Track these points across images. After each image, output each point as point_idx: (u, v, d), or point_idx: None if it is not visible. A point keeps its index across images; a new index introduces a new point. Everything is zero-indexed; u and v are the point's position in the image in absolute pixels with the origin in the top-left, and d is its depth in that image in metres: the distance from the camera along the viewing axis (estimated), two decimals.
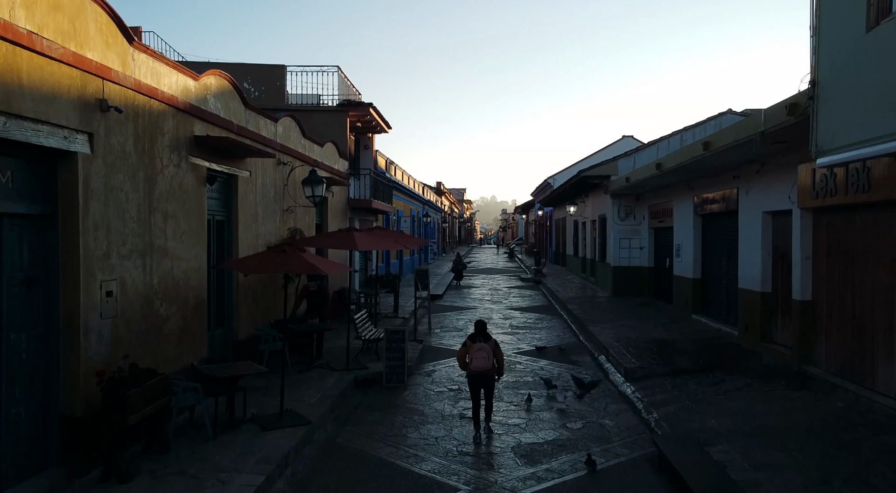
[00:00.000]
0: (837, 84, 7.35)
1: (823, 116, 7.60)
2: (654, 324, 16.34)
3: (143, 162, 7.54)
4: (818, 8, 7.66)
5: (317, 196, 12.90)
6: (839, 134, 7.30)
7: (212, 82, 9.53)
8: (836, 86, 7.39)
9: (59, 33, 6.03)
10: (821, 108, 7.64)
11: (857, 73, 6.91)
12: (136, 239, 7.38)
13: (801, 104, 8.11)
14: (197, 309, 8.98)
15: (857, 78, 6.91)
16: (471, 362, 8.43)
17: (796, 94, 8.28)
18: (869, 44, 6.68)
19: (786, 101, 8.53)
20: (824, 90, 7.61)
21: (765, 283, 12.36)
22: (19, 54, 5.53)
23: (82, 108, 6.37)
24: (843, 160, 7.24)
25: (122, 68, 7.07)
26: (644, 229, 22.74)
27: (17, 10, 5.50)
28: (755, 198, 12.66)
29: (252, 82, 19.16)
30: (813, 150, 7.81)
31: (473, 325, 9.01)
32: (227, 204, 10.48)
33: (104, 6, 6.76)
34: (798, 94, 8.23)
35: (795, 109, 8.22)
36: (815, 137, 7.76)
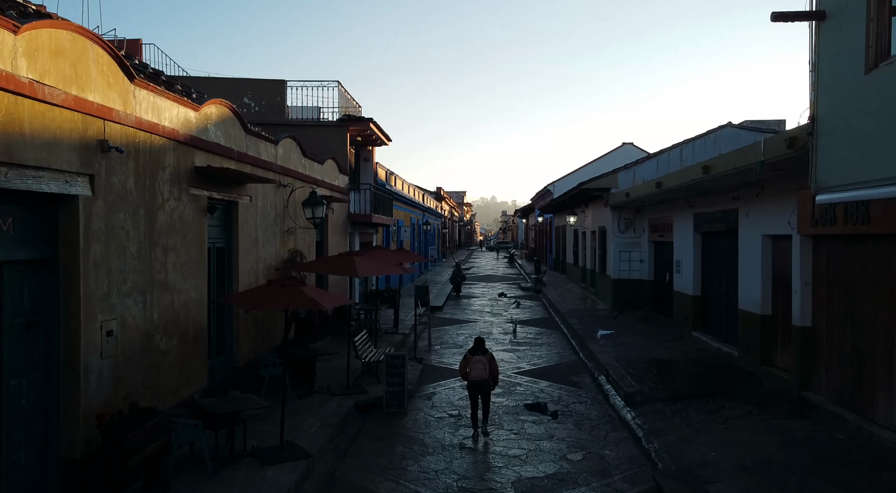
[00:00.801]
0: (837, 122, 7.36)
1: (823, 153, 7.61)
2: (654, 342, 16.35)
3: (143, 198, 7.55)
4: (817, 45, 7.67)
5: (317, 218, 12.91)
6: (839, 172, 7.31)
7: (212, 111, 9.55)
8: (835, 124, 7.40)
9: (60, 79, 6.05)
10: (820, 144, 7.65)
11: (856, 113, 6.92)
12: (136, 276, 7.39)
13: (800, 138, 8.12)
14: (197, 339, 8.99)
15: (856, 118, 6.92)
16: (469, 373, 9.80)
17: (796, 128, 8.30)
18: (868, 85, 6.69)
19: (785, 133, 8.54)
20: (824, 127, 7.62)
21: (765, 306, 12.36)
22: (21, 103, 5.54)
23: (83, 150, 6.38)
24: (842, 200, 7.25)
25: (123, 107, 7.09)
26: (644, 242, 22.75)
27: (20, 60, 5.52)
28: (755, 220, 12.67)
29: (252, 97, 19.17)
30: (813, 185, 7.82)
31: (473, 341, 10.30)
32: (227, 231, 10.49)
33: (106, 47, 6.78)
34: (797, 128, 8.24)
35: (795, 142, 8.24)
36: (814, 172, 7.77)
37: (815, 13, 7.56)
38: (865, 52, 6.70)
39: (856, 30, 6.90)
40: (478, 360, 9.78)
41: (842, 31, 7.20)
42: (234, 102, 18.98)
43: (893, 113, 6.28)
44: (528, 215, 74.96)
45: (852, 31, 6.97)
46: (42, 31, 5.79)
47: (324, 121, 19.42)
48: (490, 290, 33.52)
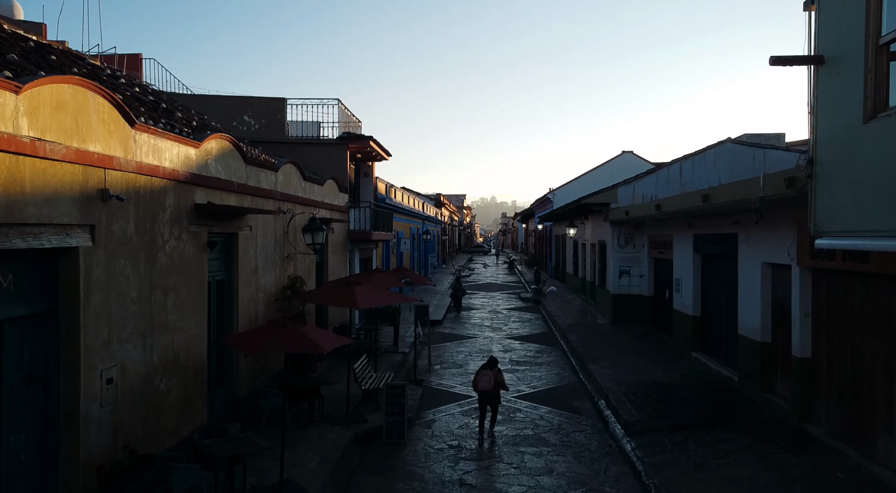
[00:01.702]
0: (836, 168, 7.38)
1: (822, 197, 7.62)
2: (654, 362, 16.36)
3: (144, 242, 7.57)
4: (815, 89, 7.69)
5: (317, 243, 12.94)
6: (838, 217, 7.33)
7: (213, 146, 9.56)
8: (834, 169, 7.42)
9: (62, 132, 6.06)
10: (819, 188, 7.67)
11: (854, 161, 6.94)
12: (136, 320, 7.40)
13: (799, 179, 8.14)
14: (197, 376, 8.99)
15: (854, 167, 6.94)
16: (477, 384, 11.44)
17: (795, 168, 8.31)
18: (866, 135, 6.71)
19: (785, 173, 8.57)
20: (823, 171, 7.63)
21: (764, 333, 12.37)
22: (22, 162, 5.55)
23: (84, 202, 6.39)
24: (841, 247, 7.26)
25: (124, 154, 7.10)
26: (644, 258, 22.76)
27: (21, 120, 5.53)
28: (754, 246, 12.68)
29: (252, 115, 19.20)
30: (811, 228, 7.83)
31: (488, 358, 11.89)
32: (227, 263, 10.50)
33: (107, 95, 6.79)
34: (796, 168, 8.26)
35: (794, 182, 8.26)
36: (813, 215, 7.79)
37: (813, 58, 7.58)
38: (864, 102, 6.72)
39: (854, 77, 6.92)
40: (485, 373, 11.42)
41: (840, 78, 7.22)
42: (235, 120, 19.08)
43: (890, 166, 6.29)
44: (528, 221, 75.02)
45: (850, 78, 7.00)
46: (44, 89, 5.81)
47: (324, 139, 19.45)
48: (490, 300, 33.50)
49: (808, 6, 7.83)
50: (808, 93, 7.86)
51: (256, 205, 11.28)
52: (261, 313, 11.65)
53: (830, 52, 7.41)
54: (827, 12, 7.44)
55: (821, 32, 7.60)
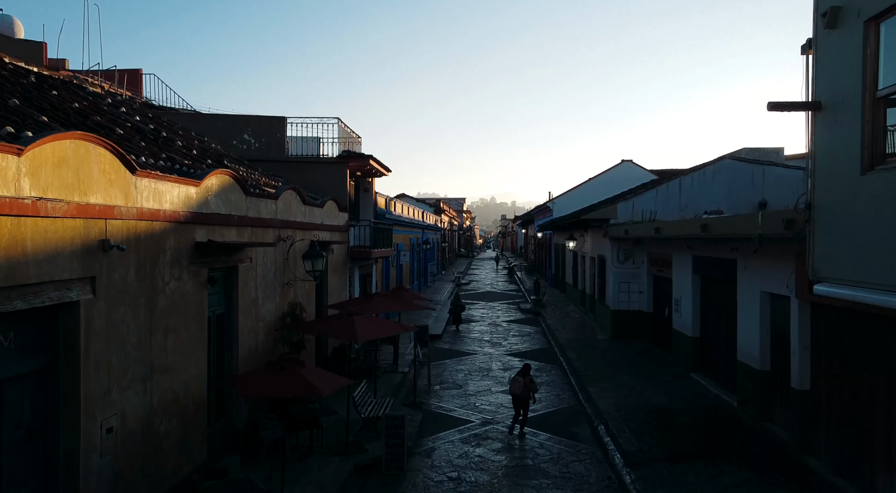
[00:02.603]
0: (834, 215, 7.41)
1: (821, 242, 7.65)
2: (653, 383, 16.37)
3: (144, 287, 7.59)
4: (813, 134, 7.73)
5: (317, 271, 12.96)
6: (836, 263, 7.35)
7: (213, 182, 9.58)
8: (832, 216, 7.45)
9: (63, 188, 6.09)
10: (818, 232, 7.70)
11: (853, 211, 6.97)
12: (137, 366, 7.42)
13: (798, 222, 8.17)
14: (197, 414, 9.01)
15: (853, 216, 6.97)
16: (510, 388, 13.35)
17: (793, 210, 8.34)
18: (864, 186, 6.74)
19: (783, 214, 8.60)
20: (821, 217, 7.66)
21: (763, 361, 12.39)
22: (24, 224, 5.58)
23: (85, 255, 6.42)
24: (839, 296, 7.28)
25: (125, 202, 7.13)
26: (643, 274, 22.79)
27: (23, 181, 5.56)
28: (753, 274, 12.71)
29: (252, 134, 19.23)
30: (810, 272, 7.86)
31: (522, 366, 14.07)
32: (227, 296, 10.53)
33: (108, 146, 6.82)
34: (795, 210, 8.29)
35: (792, 224, 8.29)
36: (812, 259, 7.82)
37: (811, 104, 7.62)
38: (861, 153, 6.76)
39: (852, 127, 6.96)
40: (516, 380, 13.20)
41: (838, 126, 7.25)
42: (235, 139, 19.10)
43: (888, 219, 6.32)
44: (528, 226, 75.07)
45: (848, 127, 7.03)
46: (45, 148, 5.83)
47: (324, 158, 19.47)
48: (490, 311, 33.50)
49: (805, 50, 7.86)
50: (806, 136, 7.89)
51: (256, 236, 11.31)
52: (261, 343, 11.68)
53: (828, 100, 7.45)
54: (824, 60, 7.48)
55: (818, 78, 7.63)
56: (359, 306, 14.00)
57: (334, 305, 14.79)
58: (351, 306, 13.95)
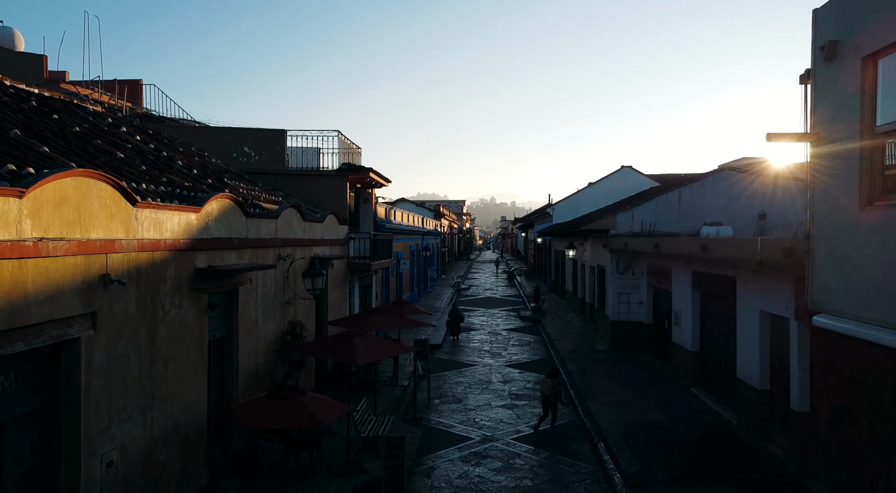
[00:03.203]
0: (833, 248, 7.42)
1: (820, 273, 7.67)
2: (653, 398, 16.39)
3: (144, 317, 7.60)
4: (811, 166, 7.74)
5: (317, 289, 12.98)
6: (835, 295, 7.37)
7: (213, 207, 9.60)
8: (831, 249, 7.46)
9: (64, 226, 6.10)
10: (817, 264, 7.71)
11: (851, 245, 6.99)
12: (137, 397, 7.43)
13: (797, 251, 8.19)
14: (197, 439, 9.02)
15: (852, 250, 6.99)
16: (541, 389, 14.77)
17: (792, 239, 8.36)
18: (862, 221, 6.75)
19: (783, 242, 8.62)
20: (820, 248, 7.68)
21: (763, 380, 12.41)
22: (25, 265, 5.59)
23: (85, 291, 6.43)
24: (838, 330, 7.29)
25: (125, 234, 7.14)
26: (643, 285, 22.80)
27: (24, 223, 5.57)
28: (753, 294, 12.71)
29: (253, 147, 19.25)
30: (809, 302, 7.88)
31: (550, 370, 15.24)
32: (228, 319, 10.54)
33: (109, 180, 6.83)
34: (794, 240, 8.31)
35: (791, 253, 8.31)
36: (811, 290, 7.84)
37: (809, 136, 7.64)
38: (860, 189, 6.77)
39: (850, 160, 6.98)
40: (546, 381, 14.63)
41: (836, 158, 7.27)
42: (235, 152, 19.12)
43: (887, 257, 6.34)
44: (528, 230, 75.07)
45: (847, 160, 7.05)
46: (47, 188, 5.85)
47: (324, 171, 19.50)
48: (490, 319, 33.48)
49: (804, 79, 7.89)
50: (805, 167, 7.91)
51: (257, 257, 11.33)
52: (261, 364, 11.69)
53: (826, 132, 7.47)
54: (823, 92, 7.50)
55: (817, 110, 7.66)
56: (358, 323, 14.01)
57: (334, 321, 14.80)
58: (351, 324, 13.96)
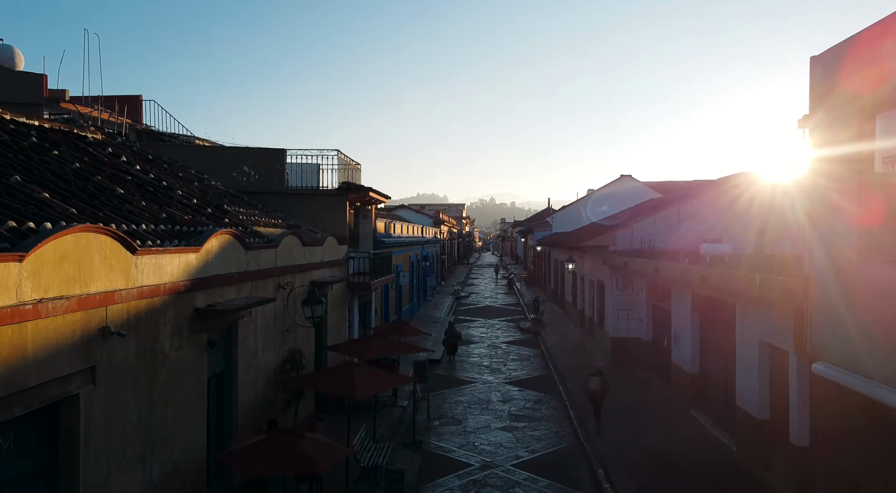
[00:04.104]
0: (832, 294, 7.43)
1: (819, 320, 7.68)
2: (652, 420, 16.39)
3: (144, 365, 7.61)
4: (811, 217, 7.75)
5: (316, 317, 12.98)
6: (835, 345, 7.38)
7: (213, 245, 9.59)
8: (830, 295, 7.47)
9: (64, 283, 6.11)
10: (816, 311, 7.72)
11: (851, 295, 6.99)
12: (136, 445, 7.43)
13: (796, 294, 8.19)
14: (196, 478, 9.01)
15: (852, 300, 7.00)
16: (589, 385, 16.48)
17: (791, 281, 8.37)
18: (861, 273, 6.76)
19: (782, 282, 8.62)
20: (820, 292, 7.69)
21: (762, 410, 12.41)
22: (24, 329, 5.60)
23: (85, 346, 6.43)
24: (837, 380, 7.30)
25: (125, 284, 7.15)
26: (643, 302, 22.81)
27: (24, 285, 5.57)
28: (752, 323, 12.71)
29: (252, 166, 19.26)
30: (808, 346, 7.89)
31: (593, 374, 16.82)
32: (227, 354, 10.54)
33: (109, 232, 6.84)
34: (792, 283, 8.32)
35: (790, 295, 8.32)
36: (810, 335, 7.85)
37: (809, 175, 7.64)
38: (858, 241, 6.78)
39: (849, 211, 6.99)
40: (594, 379, 16.42)
41: (835, 206, 7.28)
42: (235, 171, 19.13)
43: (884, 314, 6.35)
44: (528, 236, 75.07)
45: (845, 210, 7.06)
46: (47, 247, 5.85)
47: (324, 190, 19.51)
48: (489, 331, 33.46)
49: (802, 124, 7.91)
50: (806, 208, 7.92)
51: (256, 289, 11.33)
52: (260, 395, 11.69)
53: (824, 180, 7.48)
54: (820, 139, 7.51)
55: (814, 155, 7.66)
56: (358, 349, 14.02)
57: (334, 347, 14.81)
58: (350, 349, 13.97)
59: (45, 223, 6.68)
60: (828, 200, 7.36)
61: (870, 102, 6.54)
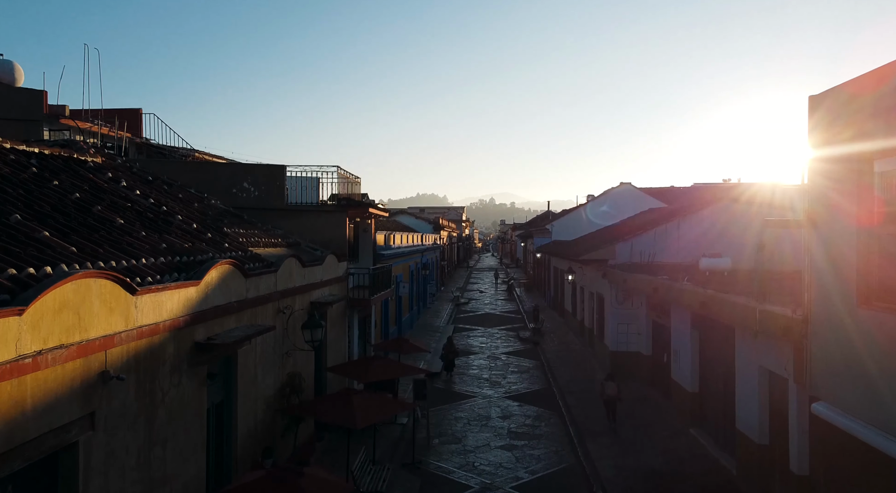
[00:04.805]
0: (832, 336, 7.43)
1: (818, 359, 7.68)
2: (652, 439, 16.40)
3: (143, 404, 7.60)
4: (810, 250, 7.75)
5: (315, 341, 12.98)
6: (833, 385, 7.38)
7: (213, 277, 9.59)
8: (830, 336, 7.48)
9: (64, 331, 6.10)
10: (815, 350, 7.72)
11: (850, 339, 7.00)
12: (135, 486, 7.42)
13: (794, 332, 8.20)
14: None
15: (850, 344, 7.00)
16: (605, 391, 17.82)
17: (790, 318, 8.37)
18: (859, 318, 6.76)
19: (780, 319, 8.62)
20: (819, 332, 7.70)
21: (762, 435, 12.40)
22: (23, 383, 5.59)
23: (84, 393, 6.43)
24: (836, 423, 7.30)
25: (125, 325, 7.14)
26: (642, 316, 22.81)
27: (24, 337, 5.57)
28: (752, 348, 12.70)
29: (252, 182, 19.23)
30: (808, 385, 7.89)
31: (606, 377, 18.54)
32: (227, 383, 10.54)
33: (109, 276, 6.84)
34: (791, 320, 8.32)
35: (789, 332, 8.32)
36: (809, 374, 7.85)
37: (806, 222, 7.65)
38: (857, 286, 6.79)
39: (848, 255, 6.99)
40: (609, 384, 17.79)
41: (834, 249, 7.28)
42: (235, 187, 19.12)
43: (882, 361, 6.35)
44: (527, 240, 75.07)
45: (844, 254, 7.06)
46: (46, 298, 5.85)
47: (323, 206, 19.50)
48: (489, 340, 33.46)
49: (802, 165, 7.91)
50: (804, 253, 7.93)
51: (256, 316, 11.33)
52: (259, 421, 11.68)
53: (823, 222, 7.49)
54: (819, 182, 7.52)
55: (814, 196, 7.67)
56: (357, 371, 14.02)
57: (333, 368, 14.81)
58: (350, 371, 13.97)
59: (46, 268, 6.70)
60: (827, 237, 7.36)
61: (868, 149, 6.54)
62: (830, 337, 7.40)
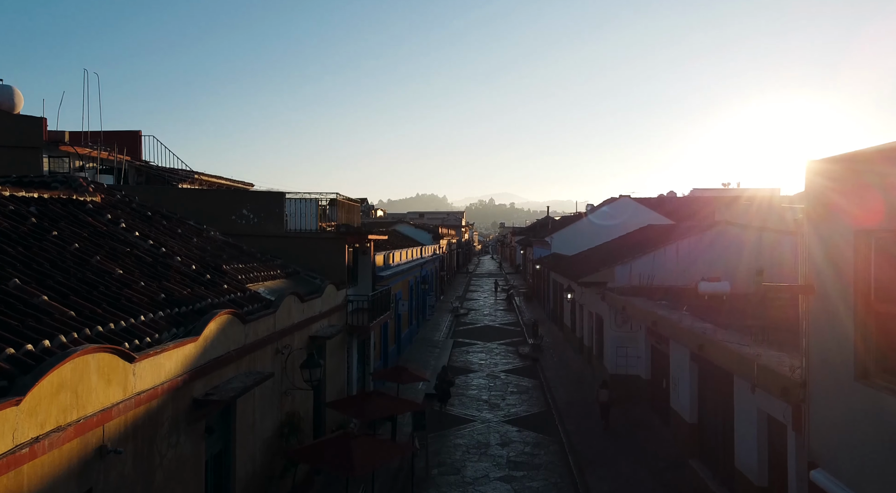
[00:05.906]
0: (830, 404, 7.43)
1: (817, 425, 7.68)
2: (652, 470, 16.40)
3: (141, 470, 7.59)
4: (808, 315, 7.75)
5: (314, 380, 12.98)
6: (832, 453, 7.38)
7: (212, 329, 9.59)
8: (828, 403, 7.47)
9: (61, 412, 6.10)
10: (813, 415, 7.72)
11: (848, 409, 6.99)
12: None
13: (793, 394, 8.20)
14: None
15: (848, 414, 7.00)
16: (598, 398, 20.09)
17: (788, 379, 8.37)
18: (857, 390, 6.76)
19: (779, 379, 8.63)
20: (817, 396, 7.69)
21: (761, 477, 12.39)
22: (20, 473, 5.58)
23: (81, 471, 6.42)
24: None
25: (123, 395, 7.14)
26: (641, 339, 22.80)
27: (21, 426, 5.55)
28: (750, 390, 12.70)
29: (251, 209, 19.26)
30: (807, 450, 7.89)
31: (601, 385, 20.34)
32: (225, 432, 10.52)
33: (107, 349, 6.83)
34: (790, 380, 8.32)
35: (787, 393, 8.32)
36: (808, 438, 7.84)
37: (804, 288, 7.66)
38: (854, 358, 6.79)
39: (846, 325, 6.98)
40: (603, 391, 20.09)
41: (833, 316, 7.28)
42: (234, 214, 19.14)
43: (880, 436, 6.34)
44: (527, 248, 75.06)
45: (843, 324, 7.06)
46: (44, 383, 5.84)
47: (322, 233, 19.52)
48: (488, 356, 33.45)
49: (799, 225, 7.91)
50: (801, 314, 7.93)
51: (254, 361, 11.33)
52: (258, 464, 11.67)
53: (822, 288, 7.49)
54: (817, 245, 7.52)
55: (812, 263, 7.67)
56: (355, 408, 14.03)
57: (332, 404, 14.81)
58: (348, 408, 13.97)
59: (44, 342, 6.70)
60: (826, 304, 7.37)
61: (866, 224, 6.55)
62: (827, 411, 7.41)
